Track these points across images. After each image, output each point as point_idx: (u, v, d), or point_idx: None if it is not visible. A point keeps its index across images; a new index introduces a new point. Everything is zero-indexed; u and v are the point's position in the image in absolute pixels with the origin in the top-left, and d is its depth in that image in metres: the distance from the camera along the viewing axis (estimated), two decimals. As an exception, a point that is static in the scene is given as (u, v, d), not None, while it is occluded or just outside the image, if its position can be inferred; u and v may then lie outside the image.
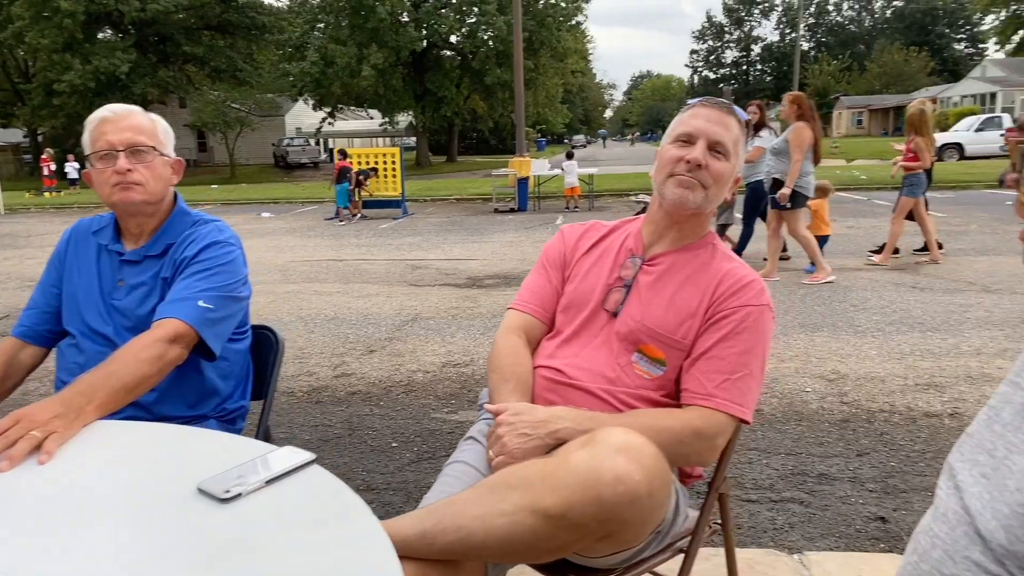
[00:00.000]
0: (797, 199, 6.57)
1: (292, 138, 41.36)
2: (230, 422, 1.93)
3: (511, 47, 17.74)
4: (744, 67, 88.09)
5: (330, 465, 3.18)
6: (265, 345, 2.04)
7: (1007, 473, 0.82)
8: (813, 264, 6.81)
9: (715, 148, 1.53)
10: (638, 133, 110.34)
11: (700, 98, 1.61)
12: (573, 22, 35.92)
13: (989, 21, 60.61)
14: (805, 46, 77.40)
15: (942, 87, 49.64)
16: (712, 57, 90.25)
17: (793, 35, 68.26)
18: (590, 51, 59.79)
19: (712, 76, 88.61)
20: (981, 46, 69.65)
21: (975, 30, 71.07)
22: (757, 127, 7.40)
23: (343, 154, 14.21)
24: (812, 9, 79.49)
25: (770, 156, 6.77)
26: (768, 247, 6.96)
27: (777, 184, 6.62)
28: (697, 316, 1.51)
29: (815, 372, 4.22)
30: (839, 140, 43.03)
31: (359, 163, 14.18)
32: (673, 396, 1.52)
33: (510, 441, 1.38)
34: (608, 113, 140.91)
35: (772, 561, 2.30)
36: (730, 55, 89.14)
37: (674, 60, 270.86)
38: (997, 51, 57.16)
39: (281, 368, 2.00)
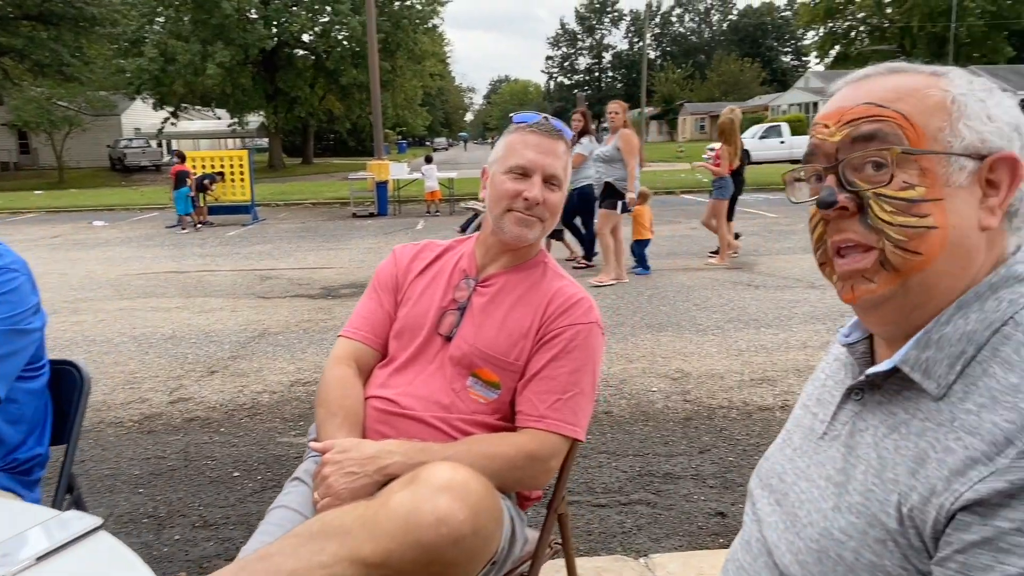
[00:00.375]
0: (620, 202, 6.84)
1: (130, 139, 38.39)
2: (24, 473, 1.70)
3: (367, 48, 17.35)
4: (597, 74, 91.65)
5: (163, 501, 2.94)
6: (67, 382, 1.82)
7: (796, 502, 0.82)
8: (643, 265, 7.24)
9: (550, 181, 1.52)
10: (499, 136, 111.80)
11: (528, 118, 1.57)
12: (429, 24, 35.75)
13: (810, 37, 66.67)
14: (652, 55, 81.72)
15: (773, 95, 53.99)
16: (566, 63, 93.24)
17: (641, 44, 71.74)
18: (448, 54, 59.85)
19: (567, 82, 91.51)
20: (804, 59, 76.51)
21: (799, 44, 77.91)
22: (580, 134, 7.62)
23: (180, 157, 13.32)
24: (657, 20, 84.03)
25: (599, 163, 6.98)
26: (608, 252, 7.19)
27: (608, 188, 6.86)
28: (529, 336, 1.50)
29: (661, 371, 4.40)
30: (684, 144, 45.73)
31: (203, 167, 13.37)
32: (508, 419, 1.50)
33: (336, 481, 1.30)
34: (469, 116, 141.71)
35: (619, 568, 2.35)
36: (583, 62, 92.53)
37: (531, 65, 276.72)
38: (818, 63, 62.94)
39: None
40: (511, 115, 1.61)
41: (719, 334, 5.16)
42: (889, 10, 56.06)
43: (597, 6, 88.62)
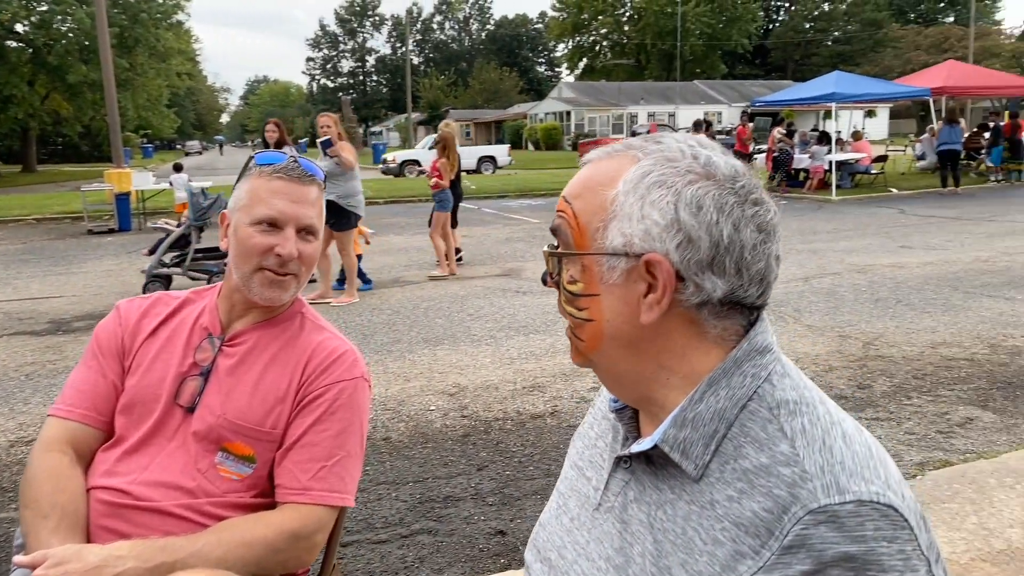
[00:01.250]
0: (350, 218, 6.72)
1: None
2: None
3: (98, 42, 15.44)
4: (361, 77, 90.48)
5: None
6: None
7: None
8: (342, 283, 6.99)
9: (305, 231, 1.39)
10: (259, 139, 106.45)
11: (273, 159, 1.41)
12: (174, 20, 32.93)
13: (561, 49, 71.65)
14: (415, 60, 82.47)
15: (531, 104, 57.05)
16: (329, 66, 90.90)
17: (404, 49, 72.14)
18: (198, 52, 55.64)
19: (331, 84, 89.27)
20: (558, 69, 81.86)
21: (552, 55, 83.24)
22: (277, 145, 7.29)
23: None
24: (418, 26, 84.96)
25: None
26: (319, 266, 6.95)
27: (331, 205, 6.59)
28: (287, 400, 1.36)
29: (439, 388, 4.38)
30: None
31: None
32: (268, 493, 1.35)
33: (50, 604, 1.08)
34: (225, 118, 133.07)
35: (403, 610, 2.28)
36: (347, 65, 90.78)
37: (291, 66, 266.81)
38: (569, 75, 67.80)
39: None
40: (252, 155, 1.45)
41: (492, 344, 5.28)
42: (627, 28, 62.00)
43: (357, 9, 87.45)
